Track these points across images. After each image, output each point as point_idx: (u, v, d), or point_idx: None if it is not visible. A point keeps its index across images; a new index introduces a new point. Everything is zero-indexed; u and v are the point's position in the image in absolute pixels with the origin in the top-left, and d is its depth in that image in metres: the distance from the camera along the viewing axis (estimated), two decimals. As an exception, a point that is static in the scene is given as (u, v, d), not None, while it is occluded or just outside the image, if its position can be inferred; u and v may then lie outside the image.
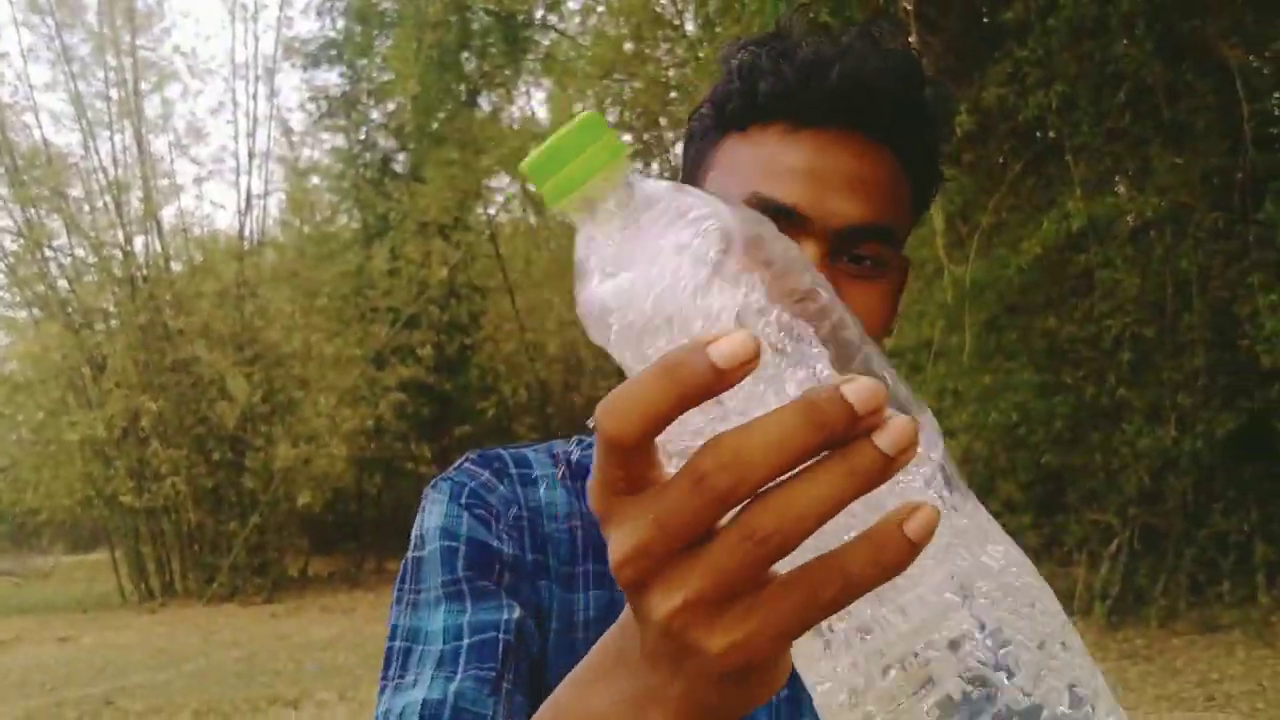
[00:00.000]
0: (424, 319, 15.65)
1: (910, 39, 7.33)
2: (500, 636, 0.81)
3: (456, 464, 0.93)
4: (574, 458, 0.95)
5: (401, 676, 0.82)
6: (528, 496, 0.91)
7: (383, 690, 0.83)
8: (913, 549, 0.40)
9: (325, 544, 18.06)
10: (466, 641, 0.81)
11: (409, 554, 0.88)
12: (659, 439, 0.42)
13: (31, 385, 16.21)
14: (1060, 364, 7.84)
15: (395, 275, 15.37)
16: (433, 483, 0.92)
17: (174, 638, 11.53)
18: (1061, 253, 7.56)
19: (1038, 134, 7.97)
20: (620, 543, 0.43)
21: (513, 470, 0.92)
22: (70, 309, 15.15)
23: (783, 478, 0.40)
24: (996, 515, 0.50)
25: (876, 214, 0.85)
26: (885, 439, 0.40)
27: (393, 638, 0.85)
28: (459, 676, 0.78)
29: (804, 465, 0.40)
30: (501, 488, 0.90)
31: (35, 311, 15.78)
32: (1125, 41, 6.84)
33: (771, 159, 0.85)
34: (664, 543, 0.41)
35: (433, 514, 0.88)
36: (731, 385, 0.40)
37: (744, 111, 0.88)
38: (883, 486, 0.41)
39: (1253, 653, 6.83)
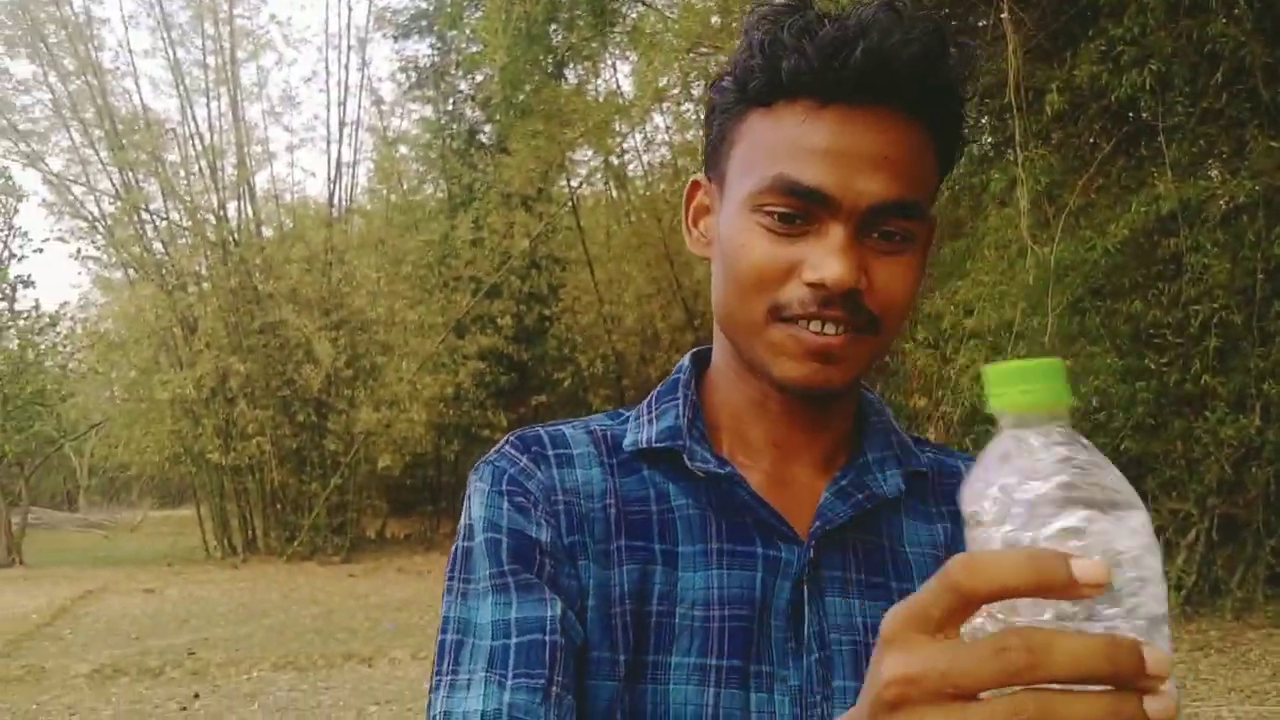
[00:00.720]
0: (505, 289, 15.81)
1: (1003, 15, 7.23)
2: (546, 638, 0.83)
3: (498, 446, 0.95)
4: (611, 434, 0.96)
5: (455, 673, 0.85)
6: (564, 478, 0.92)
7: (437, 686, 0.85)
8: None
9: (403, 507, 18.40)
10: (514, 641, 0.83)
11: (459, 543, 0.91)
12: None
13: (125, 344, 16.69)
14: (1144, 349, 7.70)
15: (478, 245, 15.54)
16: (475, 467, 0.94)
17: (255, 593, 11.85)
18: (1150, 236, 7.42)
19: (1130, 114, 7.81)
20: (899, 664, 0.50)
21: (550, 452, 0.93)
22: (164, 271, 15.55)
23: (1056, 687, 0.47)
24: None
25: (903, 190, 0.84)
26: (1154, 706, 0.48)
27: (445, 630, 0.87)
28: (509, 682, 0.81)
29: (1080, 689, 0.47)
30: (539, 474, 0.91)
31: (131, 273, 16.23)
32: (1223, 20, 6.67)
33: (796, 139, 0.85)
34: (939, 683, 0.48)
35: (477, 503, 0.91)
36: (1073, 596, 0.48)
37: (768, 88, 0.87)
38: None
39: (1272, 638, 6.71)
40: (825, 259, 0.83)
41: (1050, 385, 0.53)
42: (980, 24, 8.39)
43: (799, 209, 0.84)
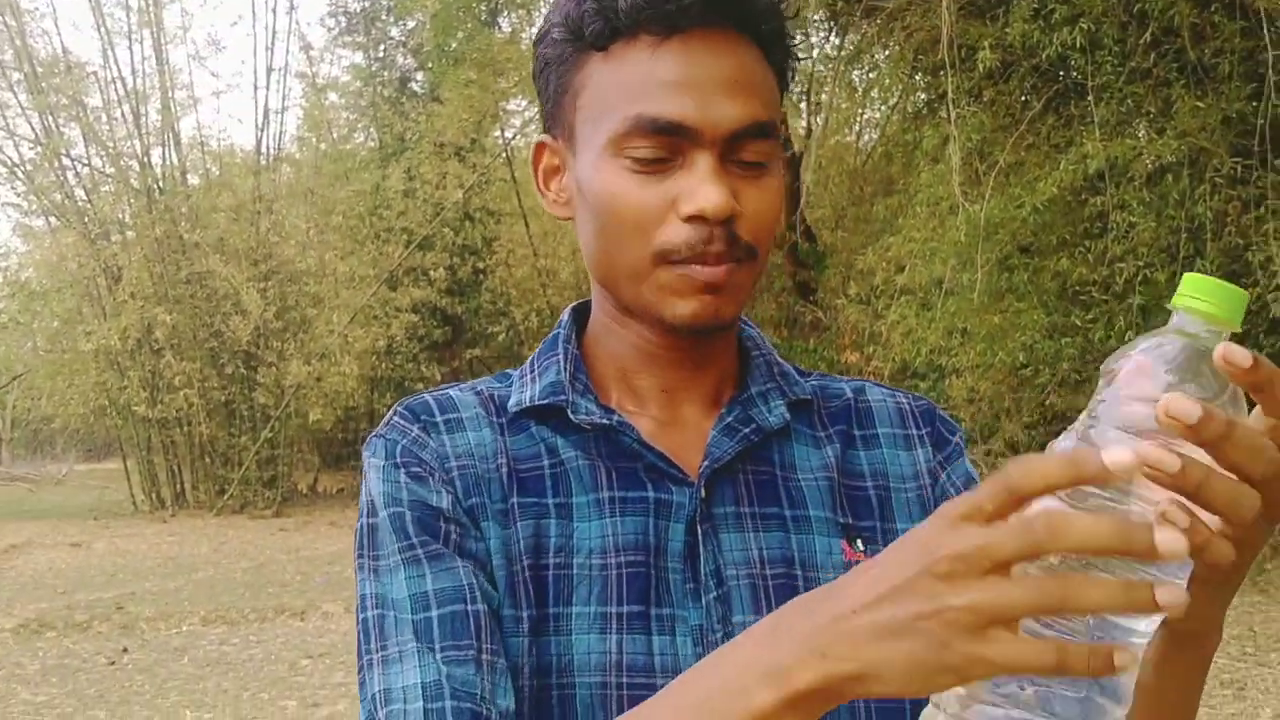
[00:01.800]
0: (438, 241, 15.67)
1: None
2: (467, 607, 0.83)
3: (386, 419, 0.94)
4: (498, 395, 0.96)
5: (384, 648, 0.83)
6: (456, 442, 0.91)
7: (368, 665, 0.84)
8: (1155, 608, 0.54)
9: (335, 460, 18.29)
10: (436, 613, 0.83)
11: (363, 520, 0.90)
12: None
13: (47, 294, 16.34)
14: (1070, 306, 7.84)
15: (410, 196, 15.36)
16: (367, 442, 0.93)
17: (184, 547, 11.74)
18: (1077, 194, 7.53)
19: (1060, 73, 7.91)
20: (953, 541, 0.56)
21: (439, 418, 0.93)
22: (87, 219, 15.20)
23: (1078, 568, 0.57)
24: (999, 455, 0.63)
25: (758, 111, 0.86)
26: (1164, 594, 0.54)
27: (363, 608, 0.86)
28: (438, 654, 0.81)
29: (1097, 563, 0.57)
30: (431, 442, 0.91)
31: (52, 220, 15.86)
32: (1154, -19, 6.76)
33: (645, 76, 0.85)
34: (981, 558, 0.55)
35: (374, 479, 0.90)
36: (1107, 483, 0.56)
37: (604, 30, 0.86)
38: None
39: (1244, 599, 6.93)
40: (698, 189, 0.83)
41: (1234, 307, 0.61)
42: (915, -20, 8.42)
43: (663, 145, 0.84)
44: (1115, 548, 0.54)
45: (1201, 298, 0.60)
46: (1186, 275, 0.62)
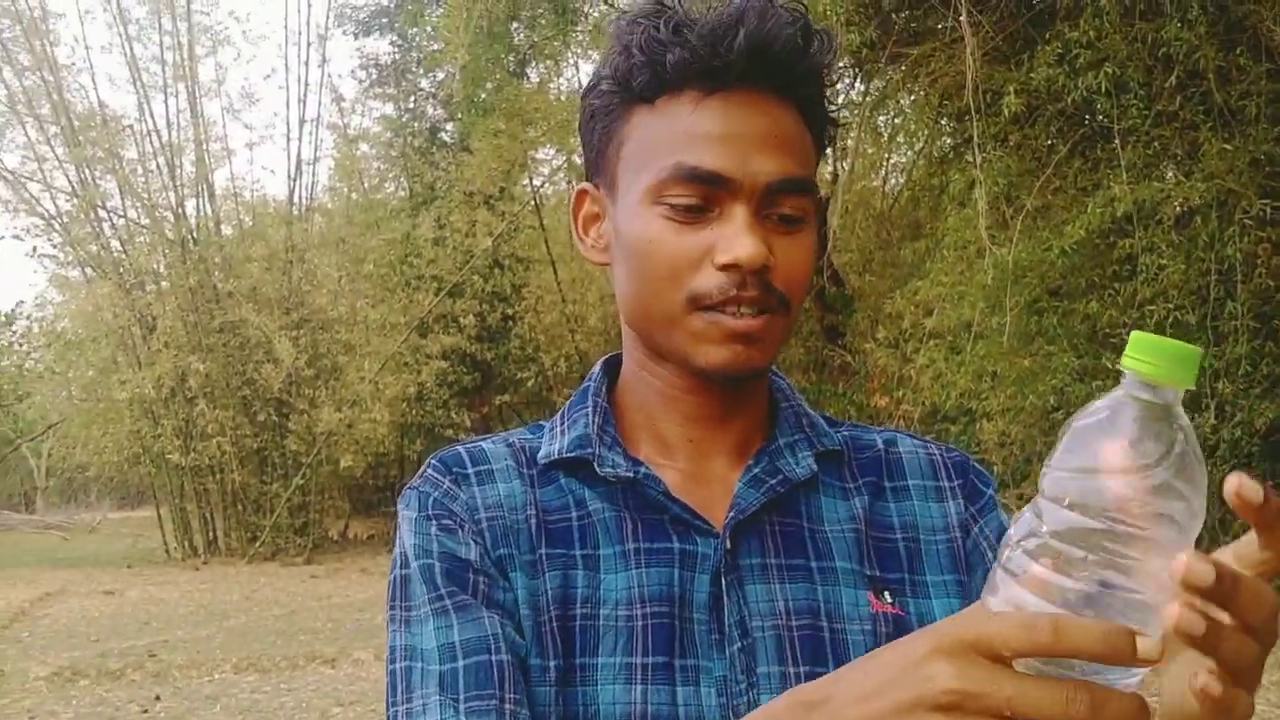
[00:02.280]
0: (467, 288, 15.76)
1: (961, 18, 7.31)
2: (492, 658, 0.85)
3: (420, 471, 0.96)
4: (529, 447, 0.98)
5: (409, 700, 0.86)
6: (487, 494, 0.93)
7: (394, 717, 0.87)
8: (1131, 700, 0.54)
9: (366, 507, 18.33)
10: (462, 663, 0.85)
11: (395, 572, 0.92)
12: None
13: (83, 344, 16.52)
14: (1100, 348, 7.79)
15: (440, 244, 15.48)
16: (402, 494, 0.96)
17: (216, 594, 11.76)
18: (1106, 237, 7.51)
19: (1086, 117, 7.91)
20: (961, 677, 0.55)
21: (470, 470, 0.95)
22: (122, 269, 15.38)
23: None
24: (1030, 499, 0.61)
25: (795, 166, 0.89)
26: (1124, 682, 0.55)
27: (393, 660, 0.89)
28: (462, 706, 0.83)
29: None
30: (462, 494, 0.93)
31: (88, 271, 16.05)
32: (1178, 24, 6.76)
33: (688, 128, 0.88)
34: (991, 705, 0.54)
35: (406, 530, 0.92)
36: (1066, 656, 0.54)
37: (652, 84, 0.90)
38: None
39: None
40: (734, 239, 0.86)
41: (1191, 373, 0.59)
42: (938, 26, 8.48)
43: (701, 194, 0.87)
44: (1103, 655, 0.53)
45: (1148, 358, 0.58)
46: (1134, 334, 0.59)
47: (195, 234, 15.43)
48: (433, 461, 0.97)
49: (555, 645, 0.87)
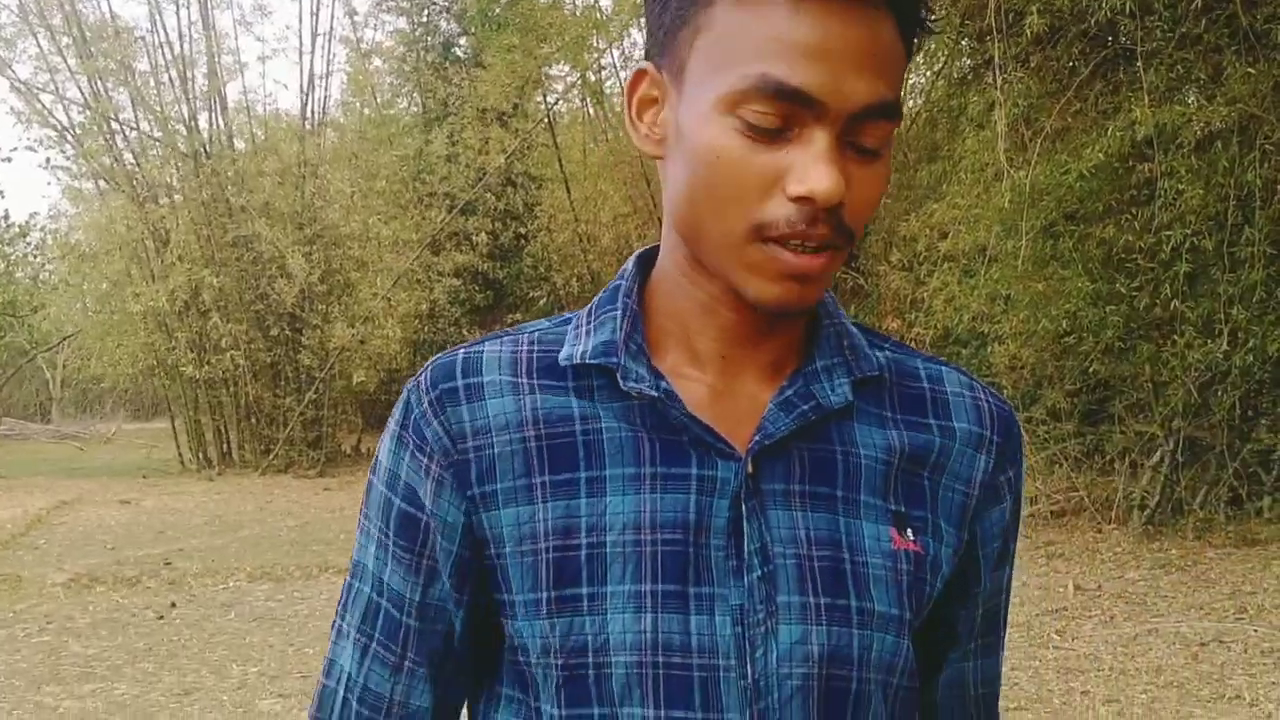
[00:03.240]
0: (480, 206, 15.72)
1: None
2: (402, 619, 0.90)
3: (425, 366, 0.92)
4: (540, 348, 0.92)
5: (342, 618, 0.93)
6: (474, 415, 0.88)
7: (333, 628, 0.95)
8: None
9: (378, 422, 18.42)
10: (384, 603, 0.90)
11: (371, 474, 0.92)
12: None
13: (96, 256, 16.55)
14: (1115, 273, 7.77)
15: (453, 161, 15.41)
16: (409, 383, 0.92)
17: (230, 505, 11.92)
18: (1124, 161, 7.44)
19: (1108, 38, 7.79)
20: None
21: (460, 383, 0.89)
22: (135, 182, 15.36)
23: None
24: (1040, 423, 0.58)
25: (885, 91, 0.80)
26: None
27: (351, 566, 0.94)
28: (372, 647, 0.91)
29: None
30: (442, 419, 0.88)
31: (101, 184, 16.04)
32: (1205, -56, 6.65)
33: (781, 34, 0.77)
34: None
35: (386, 438, 0.91)
36: None
37: None
38: None
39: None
40: (811, 168, 0.78)
41: None
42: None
43: (783, 114, 0.78)
44: None
45: None
46: None
47: (208, 148, 15.38)
48: (430, 366, 0.91)
49: (548, 577, 0.85)
